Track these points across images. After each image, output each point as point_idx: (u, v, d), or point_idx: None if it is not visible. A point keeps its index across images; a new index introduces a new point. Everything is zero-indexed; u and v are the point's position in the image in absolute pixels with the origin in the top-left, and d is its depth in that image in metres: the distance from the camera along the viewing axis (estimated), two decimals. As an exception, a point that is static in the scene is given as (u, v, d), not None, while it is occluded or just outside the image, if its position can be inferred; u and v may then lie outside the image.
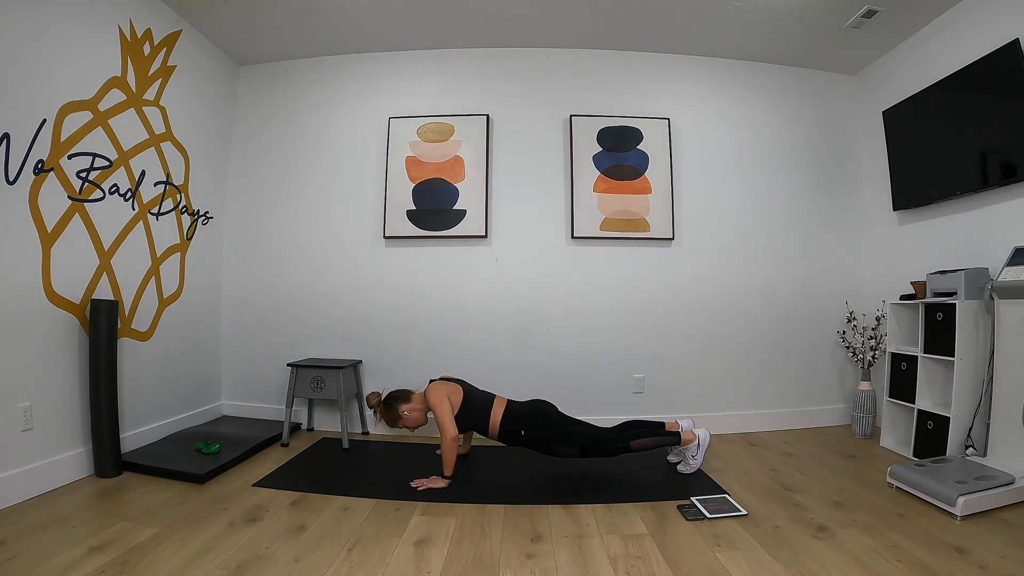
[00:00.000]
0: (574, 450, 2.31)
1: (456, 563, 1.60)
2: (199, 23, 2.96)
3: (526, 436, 2.32)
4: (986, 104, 2.47)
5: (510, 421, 2.34)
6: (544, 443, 2.32)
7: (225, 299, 3.33)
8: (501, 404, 2.39)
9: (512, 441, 2.35)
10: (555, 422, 2.36)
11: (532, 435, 2.32)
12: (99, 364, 2.25)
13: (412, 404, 2.41)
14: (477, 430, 2.40)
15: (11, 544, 1.62)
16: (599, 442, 2.32)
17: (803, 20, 2.89)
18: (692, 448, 2.37)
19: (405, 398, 2.43)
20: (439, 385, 2.38)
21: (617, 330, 3.16)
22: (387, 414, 2.41)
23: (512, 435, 2.33)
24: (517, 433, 2.33)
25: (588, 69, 3.28)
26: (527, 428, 2.33)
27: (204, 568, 1.53)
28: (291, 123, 3.35)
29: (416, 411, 2.41)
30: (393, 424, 2.42)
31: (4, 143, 1.93)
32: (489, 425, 2.35)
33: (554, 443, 2.32)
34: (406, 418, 2.40)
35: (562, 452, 2.32)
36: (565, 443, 2.31)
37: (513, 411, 2.37)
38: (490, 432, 2.36)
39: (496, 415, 2.35)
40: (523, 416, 2.36)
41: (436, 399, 2.29)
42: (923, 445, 2.52)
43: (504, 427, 2.33)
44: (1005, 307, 2.19)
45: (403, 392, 2.47)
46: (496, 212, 3.20)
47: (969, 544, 1.67)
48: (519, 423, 2.34)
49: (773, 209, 3.30)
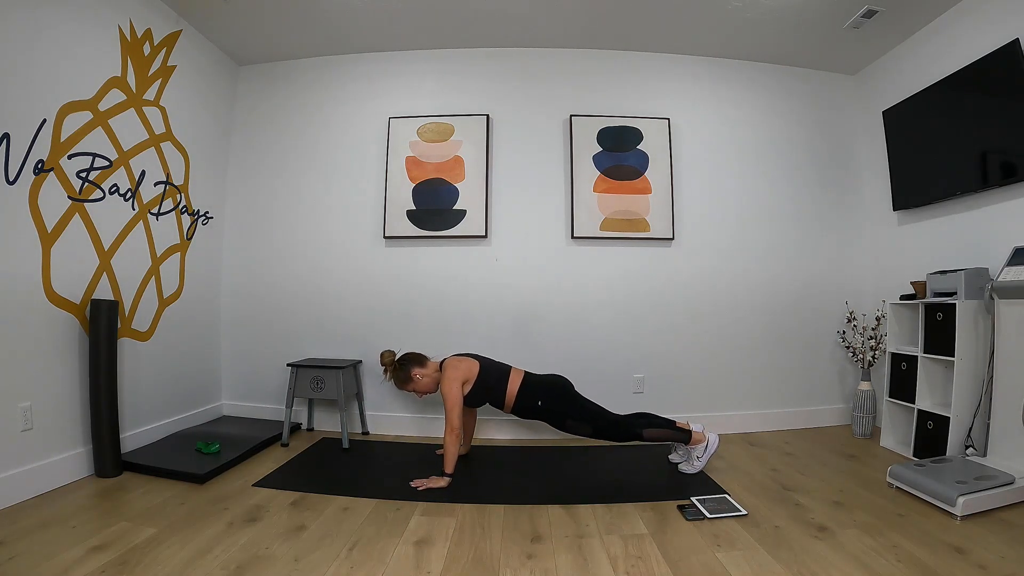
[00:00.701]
0: (586, 428, 2.33)
1: (456, 563, 1.60)
2: (199, 23, 2.96)
3: (542, 407, 2.34)
4: (986, 104, 2.47)
5: (527, 392, 2.36)
6: (559, 416, 2.35)
7: (225, 299, 3.33)
8: (518, 375, 2.41)
9: (527, 413, 2.37)
10: (572, 398, 2.39)
11: (548, 407, 2.34)
12: (99, 364, 2.25)
13: (426, 370, 2.42)
14: (492, 402, 2.41)
15: (11, 544, 1.62)
16: (612, 425, 2.34)
17: (803, 20, 2.89)
18: (699, 449, 2.37)
19: (420, 362, 2.44)
20: (457, 363, 2.36)
21: (617, 330, 3.16)
22: (398, 374, 2.41)
23: (528, 406, 2.36)
24: (534, 404, 2.35)
25: (588, 69, 3.28)
26: (544, 400, 2.35)
27: (204, 568, 1.53)
28: (291, 123, 3.35)
29: (428, 378, 2.42)
30: (402, 386, 2.42)
31: (4, 143, 1.93)
32: (506, 396, 2.36)
33: (568, 418, 2.34)
34: (417, 382, 2.40)
35: (574, 428, 2.35)
36: (579, 419, 2.34)
37: (531, 383, 2.40)
38: (506, 404, 2.37)
39: (513, 387, 2.37)
40: (541, 388, 2.39)
41: (449, 383, 2.29)
42: (923, 445, 2.52)
43: (521, 399, 2.35)
44: (1005, 307, 2.19)
45: (419, 356, 2.47)
46: (496, 212, 3.20)
47: (969, 544, 1.67)
48: (536, 394, 2.36)
49: (773, 209, 3.30)
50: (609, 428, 2.34)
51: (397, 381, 2.43)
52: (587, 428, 2.34)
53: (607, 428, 2.34)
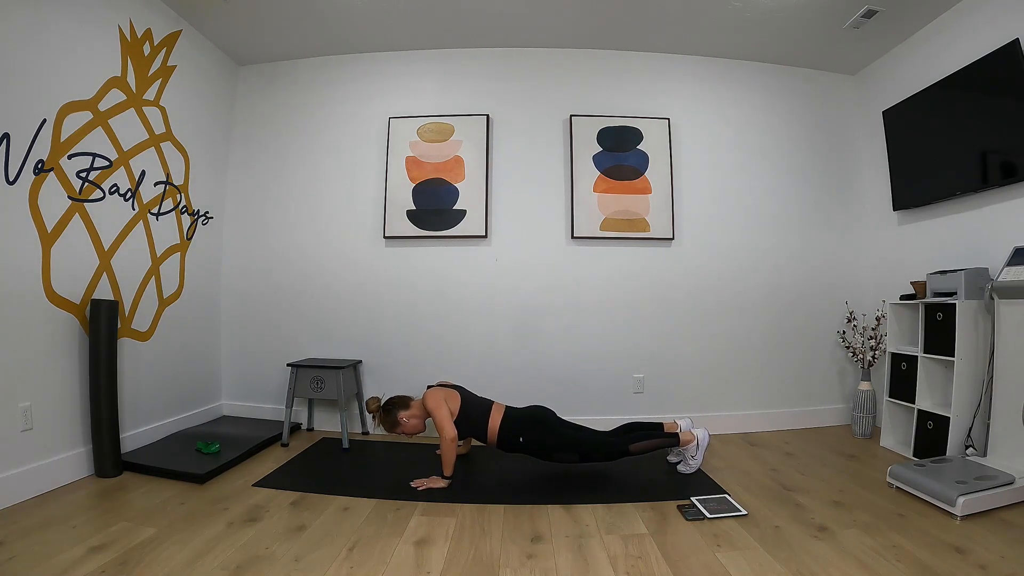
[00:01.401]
0: (573, 456, 2.31)
1: (456, 563, 1.60)
2: (199, 23, 2.96)
3: (524, 443, 2.31)
4: (986, 104, 2.47)
5: (508, 427, 2.33)
6: (543, 449, 2.32)
7: (225, 299, 3.33)
8: (499, 410, 2.38)
9: (511, 448, 2.33)
10: (553, 428, 2.35)
11: (530, 441, 2.31)
12: (99, 364, 2.25)
13: (411, 411, 2.42)
14: (476, 437, 2.39)
15: (11, 544, 1.62)
16: (598, 447, 2.32)
17: (803, 20, 2.89)
18: (691, 448, 2.37)
19: (404, 405, 2.43)
20: (436, 391, 2.37)
21: (617, 330, 3.16)
22: (386, 420, 2.41)
23: (510, 442, 2.32)
24: (516, 440, 2.32)
25: (588, 69, 3.28)
26: (525, 435, 2.32)
27: (204, 568, 1.53)
28: (291, 123, 3.35)
29: (415, 418, 2.41)
30: (391, 430, 2.43)
31: (4, 143, 1.93)
32: (488, 431, 2.34)
33: (553, 450, 2.31)
34: (405, 425, 2.40)
35: (561, 458, 2.32)
36: (564, 449, 2.30)
37: (511, 417, 2.36)
38: (488, 438, 2.34)
39: (494, 421, 2.34)
40: (521, 422, 2.35)
41: (434, 403, 2.30)
42: (923, 445, 2.52)
43: (503, 434, 2.32)
44: (1005, 307, 2.19)
45: (402, 399, 2.47)
46: (496, 212, 3.20)
47: (969, 544, 1.67)
48: (517, 430, 2.32)
49: (773, 209, 3.30)
50: (595, 452, 2.31)
51: (386, 427, 2.43)
52: (574, 456, 2.30)
53: (593, 452, 2.31)
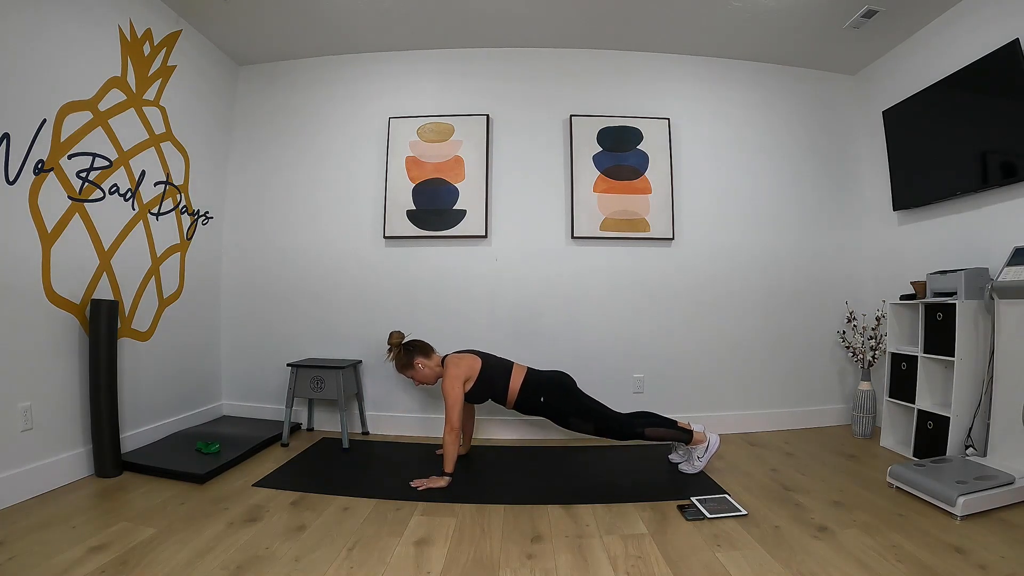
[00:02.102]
0: (588, 426, 2.34)
1: (456, 563, 1.60)
2: (199, 23, 2.96)
3: (544, 403, 2.35)
4: (986, 104, 2.47)
5: (530, 388, 2.37)
6: (561, 413, 2.35)
7: (225, 299, 3.33)
8: (521, 371, 2.42)
9: (529, 409, 2.37)
10: (574, 395, 2.39)
11: (550, 404, 2.35)
12: (99, 364, 2.25)
13: (429, 361, 2.43)
14: (495, 398, 2.41)
15: (11, 544, 1.62)
16: (614, 423, 2.35)
17: (803, 20, 2.89)
18: (700, 449, 2.38)
19: (425, 352, 2.45)
20: (458, 361, 2.37)
21: (617, 329, 3.16)
22: (402, 358, 2.43)
23: (530, 402, 2.36)
24: (536, 400, 2.35)
25: (588, 69, 3.28)
26: (547, 396, 2.35)
27: (204, 568, 1.53)
28: (291, 123, 3.35)
29: (429, 370, 2.43)
30: (402, 370, 2.44)
31: (4, 143, 1.93)
32: (508, 392, 2.36)
33: (570, 415, 2.34)
34: (418, 371, 2.42)
35: (576, 425, 2.35)
36: (581, 417, 2.34)
37: (533, 379, 2.40)
38: (508, 399, 2.37)
39: (515, 382, 2.37)
40: (543, 384, 2.39)
41: (450, 381, 2.29)
42: (923, 445, 2.52)
43: (523, 394, 2.36)
44: (1005, 307, 2.19)
45: (426, 345, 2.49)
46: (496, 212, 3.20)
47: (969, 544, 1.67)
48: (539, 391, 2.37)
49: (773, 209, 3.30)
50: (611, 426, 2.34)
51: (398, 364, 2.44)
52: (589, 426, 2.34)
53: (609, 426, 2.34)
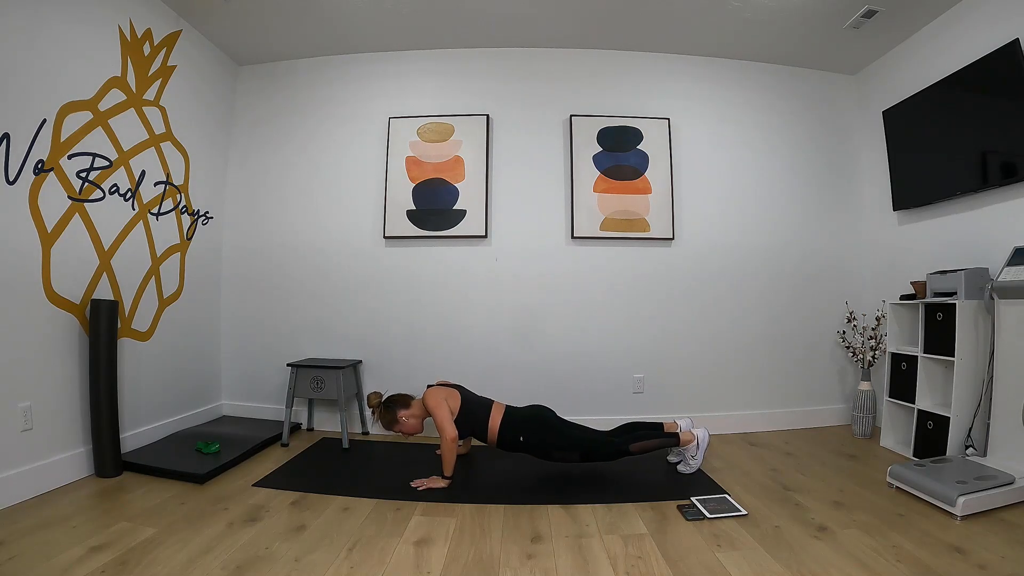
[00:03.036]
0: (573, 455, 2.31)
1: (456, 563, 1.60)
2: (199, 23, 2.96)
3: (525, 442, 2.31)
4: (986, 104, 2.47)
5: (509, 427, 2.33)
6: (543, 449, 2.32)
7: (225, 299, 3.33)
8: (499, 410, 2.38)
9: (511, 447, 2.34)
10: (554, 427, 2.35)
11: (531, 441, 2.31)
12: (99, 364, 2.25)
13: (411, 411, 2.42)
14: (476, 436, 2.39)
15: (11, 544, 1.62)
16: (598, 446, 2.32)
17: (803, 20, 2.89)
18: (691, 448, 2.37)
19: (404, 404, 2.44)
20: (436, 390, 2.38)
21: (617, 330, 3.16)
22: (385, 416, 2.42)
23: (511, 441, 2.32)
24: (516, 439, 2.32)
25: (588, 69, 3.28)
26: (526, 434, 2.32)
27: (204, 568, 1.53)
28: (291, 123, 3.35)
29: (414, 418, 2.42)
30: (389, 427, 2.43)
31: (4, 143, 1.93)
32: (488, 431, 2.34)
33: (553, 449, 2.31)
34: (403, 424, 2.40)
35: (561, 457, 2.32)
36: (564, 448, 2.31)
37: (512, 417, 2.36)
38: (489, 438, 2.35)
39: (495, 421, 2.34)
40: (522, 422, 2.35)
41: (434, 403, 2.30)
42: (923, 445, 2.52)
43: (503, 433, 2.32)
44: (1005, 307, 2.18)
45: (403, 397, 2.47)
46: (496, 212, 3.20)
47: (969, 544, 1.67)
48: (518, 429, 2.32)
49: (773, 209, 3.30)
50: (596, 451, 2.31)
51: (384, 423, 2.43)
52: (575, 455, 2.30)
53: (594, 452, 2.31)
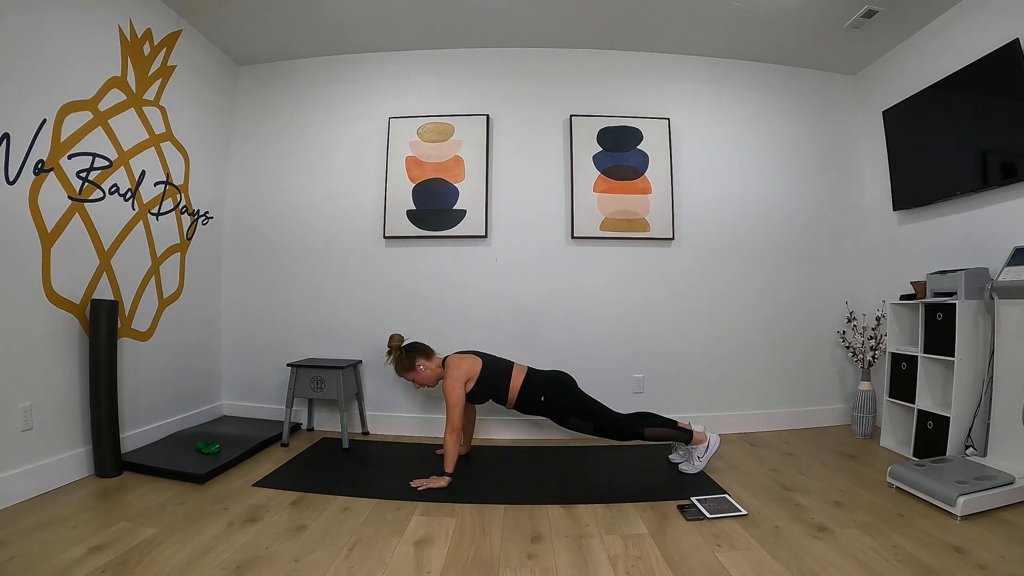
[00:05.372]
0: (588, 426, 2.34)
1: (456, 563, 1.60)
2: (199, 23, 2.96)
3: (545, 403, 2.36)
4: (986, 104, 2.47)
5: (530, 388, 2.38)
6: (561, 413, 2.36)
7: (225, 299, 3.33)
8: (521, 371, 2.43)
9: (529, 408, 2.38)
10: (574, 394, 2.40)
11: (551, 403, 2.36)
12: (99, 364, 2.25)
13: (430, 363, 2.44)
14: (495, 398, 2.42)
15: (11, 544, 1.62)
16: (614, 423, 2.35)
17: (803, 20, 2.89)
18: (700, 449, 2.38)
19: (426, 354, 2.46)
20: (459, 362, 2.38)
21: (617, 329, 3.16)
22: (402, 360, 2.43)
23: (530, 402, 2.37)
24: (537, 399, 2.36)
25: (588, 69, 3.28)
26: (547, 396, 2.36)
27: (204, 568, 1.53)
28: (291, 123, 3.35)
29: (431, 371, 2.44)
30: (402, 372, 2.44)
31: (4, 143, 1.93)
32: (508, 391, 2.37)
33: (571, 414, 2.35)
34: (419, 372, 2.42)
35: (576, 425, 2.36)
36: (581, 416, 2.35)
37: (534, 379, 2.41)
38: (509, 399, 2.38)
39: (516, 382, 2.38)
40: (544, 383, 2.40)
41: (451, 382, 2.30)
42: (923, 445, 2.52)
43: (523, 394, 2.37)
44: (1005, 307, 2.18)
45: (426, 348, 2.49)
46: (496, 212, 3.20)
47: (969, 544, 1.67)
48: (539, 390, 2.37)
49: (773, 209, 3.30)
50: (611, 426, 2.35)
51: (398, 367, 2.44)
52: (589, 426, 2.35)
53: (609, 426, 2.35)
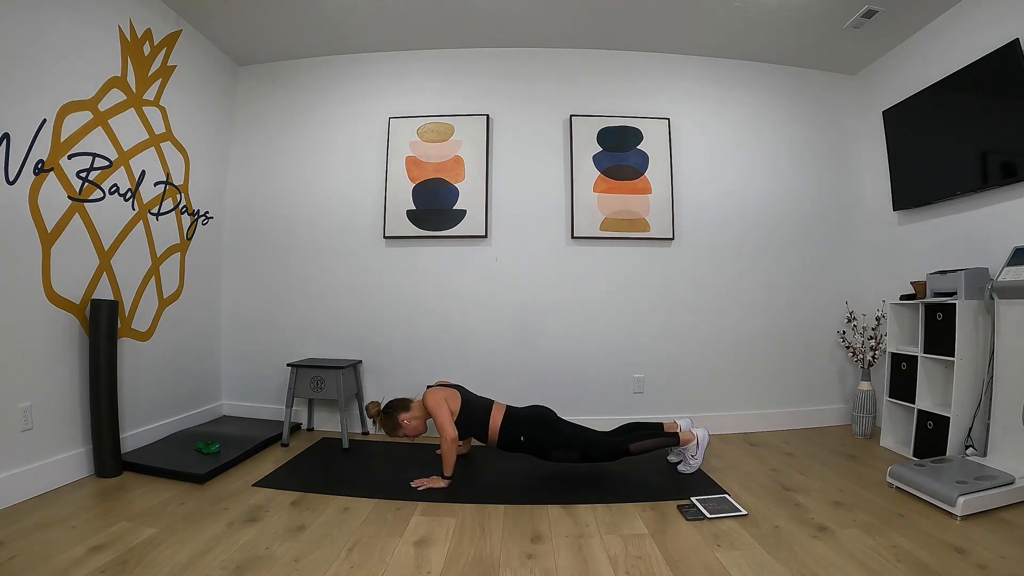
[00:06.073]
0: (573, 455, 2.31)
1: (456, 563, 1.60)
2: (199, 23, 2.96)
3: (525, 442, 2.32)
4: (986, 104, 2.47)
5: (509, 427, 2.33)
6: (543, 448, 2.32)
7: (225, 299, 3.33)
8: (500, 410, 2.39)
9: (511, 447, 2.34)
10: (554, 427, 2.36)
11: (531, 441, 2.32)
12: (99, 364, 2.25)
13: (411, 412, 2.43)
14: (476, 437, 2.39)
15: (11, 544, 1.62)
16: (598, 446, 2.32)
17: (803, 20, 2.89)
18: (691, 448, 2.37)
19: (404, 407, 2.44)
20: (436, 390, 2.38)
21: (617, 330, 3.16)
22: (387, 423, 2.42)
23: (511, 441, 2.33)
24: (516, 439, 2.32)
25: (588, 69, 3.28)
26: (526, 434, 2.32)
27: (204, 568, 1.53)
28: (291, 123, 3.35)
29: (416, 419, 2.42)
30: (393, 433, 2.43)
31: (4, 143, 1.93)
32: (488, 431, 2.34)
33: (553, 448, 2.31)
34: (406, 427, 2.41)
35: (561, 457, 2.33)
36: (564, 448, 2.31)
37: (512, 417, 2.37)
38: (489, 438, 2.35)
39: (495, 421, 2.35)
40: (522, 421, 2.35)
41: (433, 403, 2.30)
42: (923, 445, 2.52)
43: (503, 433, 2.33)
44: (1005, 307, 2.18)
45: (402, 401, 2.48)
46: (496, 212, 3.20)
47: (969, 544, 1.67)
48: (518, 429, 2.33)
49: (773, 209, 3.30)
50: (595, 450, 2.32)
51: (387, 430, 2.44)
52: (574, 455, 2.31)
53: (594, 451, 2.32)
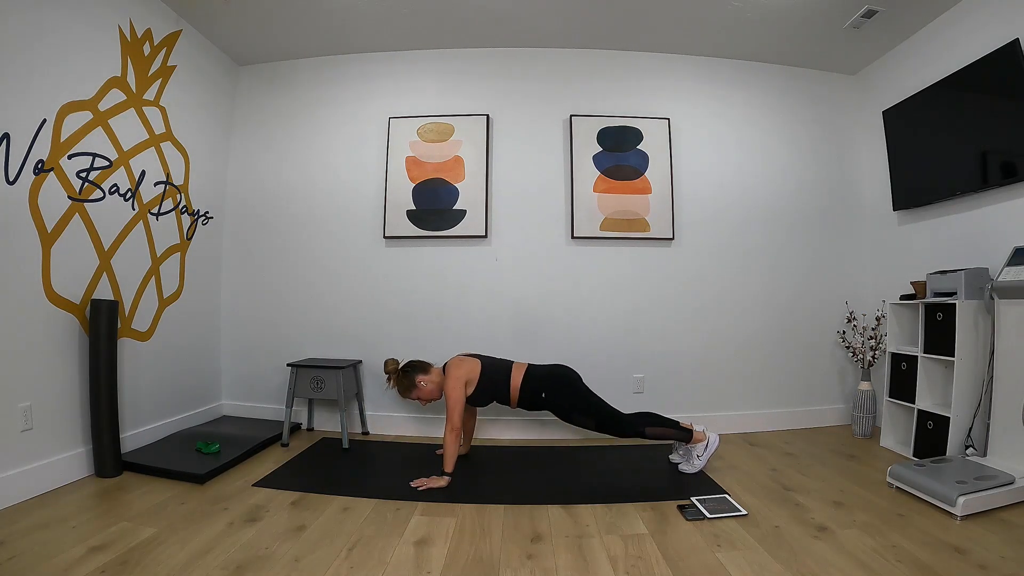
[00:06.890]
0: (590, 421, 2.35)
1: (456, 563, 1.60)
2: (199, 23, 2.96)
3: (547, 399, 2.35)
4: (986, 104, 2.47)
5: (530, 385, 2.37)
6: (564, 408, 2.36)
7: (225, 299, 3.33)
8: (520, 369, 2.42)
9: (532, 405, 2.38)
10: (576, 389, 2.40)
11: (552, 399, 2.36)
12: (99, 364, 2.25)
13: (430, 376, 2.44)
14: (498, 399, 2.42)
15: (11, 544, 1.62)
16: (616, 420, 2.35)
17: (803, 20, 2.89)
18: (699, 447, 2.38)
19: (424, 369, 2.45)
20: (459, 363, 2.39)
21: (617, 330, 3.16)
22: (402, 382, 2.43)
23: (532, 399, 2.37)
24: (538, 396, 2.36)
25: (588, 69, 3.28)
26: (548, 391, 2.36)
27: (204, 568, 1.52)
28: (291, 123, 3.35)
29: (432, 384, 2.43)
30: (406, 394, 2.44)
31: (4, 143, 1.93)
32: (510, 391, 2.37)
33: (574, 411, 2.36)
34: (421, 389, 2.42)
35: (579, 421, 2.36)
36: (584, 413, 2.35)
37: (534, 374, 2.41)
38: (511, 397, 2.38)
39: (516, 380, 2.38)
40: (543, 379, 2.40)
41: (452, 382, 2.31)
42: (923, 445, 2.52)
43: (524, 390, 2.37)
44: (1005, 307, 2.19)
45: (422, 363, 2.49)
46: (496, 212, 3.20)
47: (969, 544, 1.67)
48: (540, 387, 2.37)
49: (773, 209, 3.30)
50: (612, 423, 2.35)
51: (401, 389, 2.44)
52: (591, 422, 2.35)
53: (610, 423, 2.35)
